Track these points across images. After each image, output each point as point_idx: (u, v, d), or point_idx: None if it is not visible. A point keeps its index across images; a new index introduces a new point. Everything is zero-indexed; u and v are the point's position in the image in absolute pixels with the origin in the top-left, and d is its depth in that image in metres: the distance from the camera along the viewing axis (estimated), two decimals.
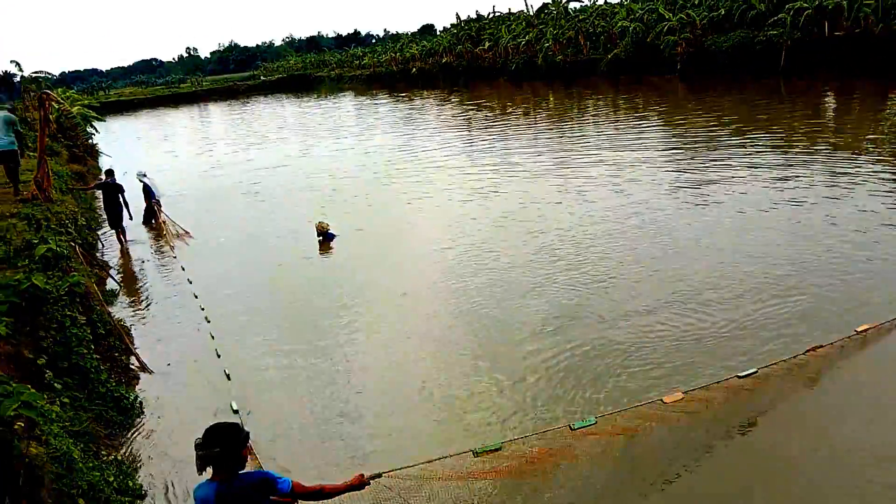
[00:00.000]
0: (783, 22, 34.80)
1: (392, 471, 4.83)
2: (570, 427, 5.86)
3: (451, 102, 47.04)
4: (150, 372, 8.89)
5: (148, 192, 18.61)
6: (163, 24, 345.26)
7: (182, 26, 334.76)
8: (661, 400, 6.39)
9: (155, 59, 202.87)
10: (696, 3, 43.64)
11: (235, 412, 7.73)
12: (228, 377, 8.57)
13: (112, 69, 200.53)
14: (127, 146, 40.76)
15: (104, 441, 6.93)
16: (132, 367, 8.96)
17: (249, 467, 4.12)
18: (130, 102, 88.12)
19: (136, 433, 7.38)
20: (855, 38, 32.32)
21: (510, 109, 37.62)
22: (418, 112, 42.97)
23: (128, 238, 16.97)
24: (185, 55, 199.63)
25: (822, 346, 7.34)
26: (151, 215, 18.71)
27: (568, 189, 16.90)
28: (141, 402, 7.94)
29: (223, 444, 3.86)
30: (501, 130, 29.45)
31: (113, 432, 7.23)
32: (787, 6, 35.50)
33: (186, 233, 17.49)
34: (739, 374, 6.88)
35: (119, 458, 6.69)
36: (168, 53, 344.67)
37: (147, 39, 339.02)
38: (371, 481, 4.62)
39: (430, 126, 34.57)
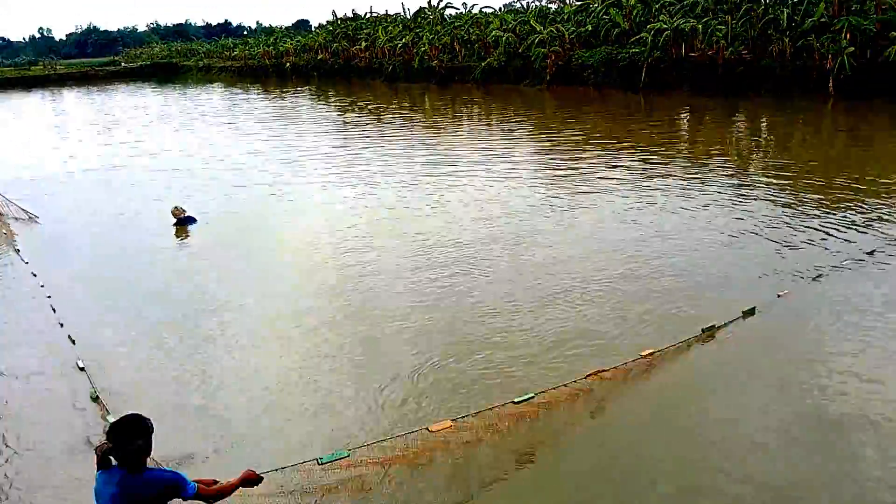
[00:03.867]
0: (644, 41, 36.82)
1: None
2: (317, 462, 5.32)
3: (325, 100, 46.46)
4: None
5: None
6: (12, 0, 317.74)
7: (34, 4, 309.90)
8: (427, 428, 5.99)
9: (2, 39, 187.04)
10: (566, 18, 45.38)
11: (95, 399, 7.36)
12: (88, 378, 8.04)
13: None
14: None
15: None
16: None
17: None
18: None
19: None
20: (707, 59, 34.72)
21: (385, 111, 37.59)
22: (290, 108, 42.10)
23: None
24: (38, 36, 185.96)
25: (604, 370, 7.15)
26: None
27: (439, 193, 17.04)
28: None
29: (143, 437, 3.72)
30: (376, 133, 29.35)
31: None
32: (648, 26, 37.60)
33: (32, 217, 16.67)
34: (515, 400, 6.50)
35: None
36: (18, 33, 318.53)
37: None
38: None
39: (302, 123, 33.95)
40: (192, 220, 15.16)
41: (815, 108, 27.96)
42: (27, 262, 12.65)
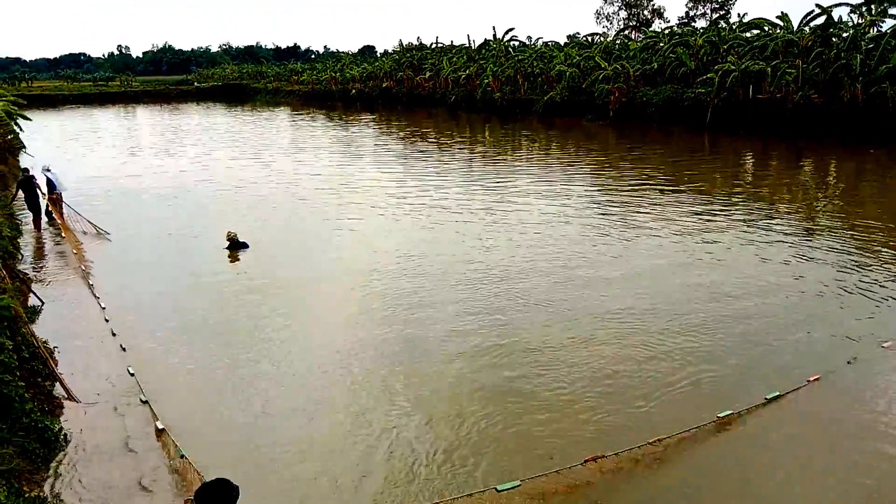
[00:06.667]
0: (711, 81, 36.57)
1: None
2: None
3: (389, 128, 47.33)
4: (77, 401, 8.59)
5: (51, 186, 18.74)
6: (94, 18, 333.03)
7: (114, 23, 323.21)
8: None
9: (83, 54, 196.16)
10: (631, 55, 45.47)
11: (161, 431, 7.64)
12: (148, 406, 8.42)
13: (36, 60, 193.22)
14: (50, 145, 39.24)
15: (26, 476, 6.71)
16: (56, 394, 8.66)
17: None
18: (55, 97, 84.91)
19: (60, 467, 7.15)
20: (775, 102, 34.26)
21: (447, 142, 38.08)
22: (357, 135, 43.03)
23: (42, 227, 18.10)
24: (116, 53, 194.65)
25: (604, 456, 6.77)
26: (49, 209, 18.75)
27: (493, 227, 17.20)
28: (66, 435, 7.68)
29: (224, 502, 3.94)
30: (437, 163, 29.77)
31: (35, 467, 7.00)
32: (715, 67, 37.37)
33: (102, 232, 17.64)
34: (498, 487, 6.21)
35: (41, 495, 6.49)
36: (98, 49, 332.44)
37: (76, 33, 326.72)
38: None
39: (367, 151, 34.69)
40: (244, 245, 15.74)
41: (886, 157, 27.29)
42: (92, 282, 13.28)
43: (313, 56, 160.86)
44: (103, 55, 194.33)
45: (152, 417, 8.13)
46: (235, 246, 15.64)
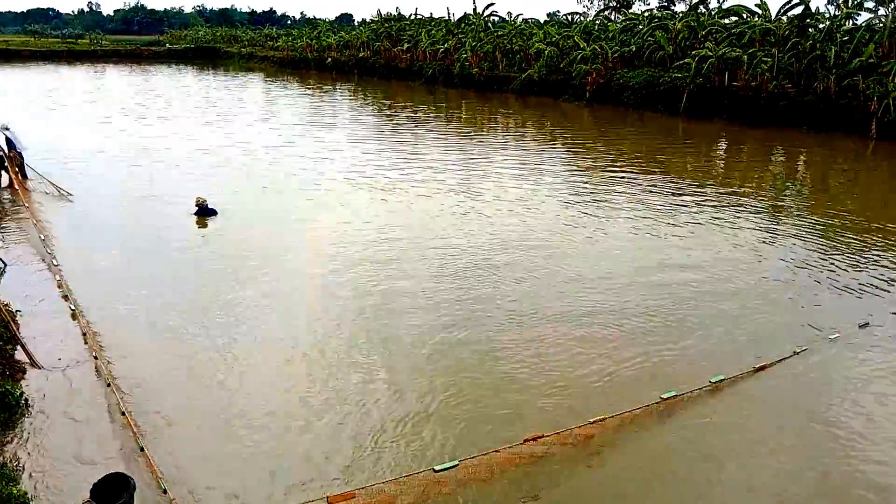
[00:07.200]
0: (688, 67, 36.69)
1: None
2: None
3: (364, 100, 46.84)
4: (39, 366, 8.42)
5: (9, 145, 18.23)
6: None
7: None
8: (326, 498, 5.74)
9: (52, 10, 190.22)
10: (610, 36, 45.38)
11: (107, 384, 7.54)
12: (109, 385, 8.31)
13: (2, 13, 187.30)
14: (13, 102, 38.21)
15: None
16: (18, 359, 8.48)
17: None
18: (21, 52, 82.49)
19: (21, 433, 7.04)
20: (750, 90, 34.48)
21: (423, 116, 37.80)
22: (332, 105, 42.47)
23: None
24: (87, 10, 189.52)
25: (542, 436, 6.80)
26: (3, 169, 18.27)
27: (466, 205, 17.19)
28: (27, 400, 7.55)
29: (124, 494, 3.87)
30: (410, 137, 29.58)
31: None
32: (692, 52, 37.48)
33: (65, 194, 17.26)
34: (435, 468, 6.21)
35: (1, 460, 6.39)
36: (68, 5, 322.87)
37: None
38: None
39: (341, 122, 34.30)
40: (213, 211, 15.58)
41: (855, 148, 27.73)
42: (52, 245, 12.99)
43: (289, 22, 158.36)
44: (73, 11, 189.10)
45: (106, 379, 8.05)
46: (204, 212, 15.46)
